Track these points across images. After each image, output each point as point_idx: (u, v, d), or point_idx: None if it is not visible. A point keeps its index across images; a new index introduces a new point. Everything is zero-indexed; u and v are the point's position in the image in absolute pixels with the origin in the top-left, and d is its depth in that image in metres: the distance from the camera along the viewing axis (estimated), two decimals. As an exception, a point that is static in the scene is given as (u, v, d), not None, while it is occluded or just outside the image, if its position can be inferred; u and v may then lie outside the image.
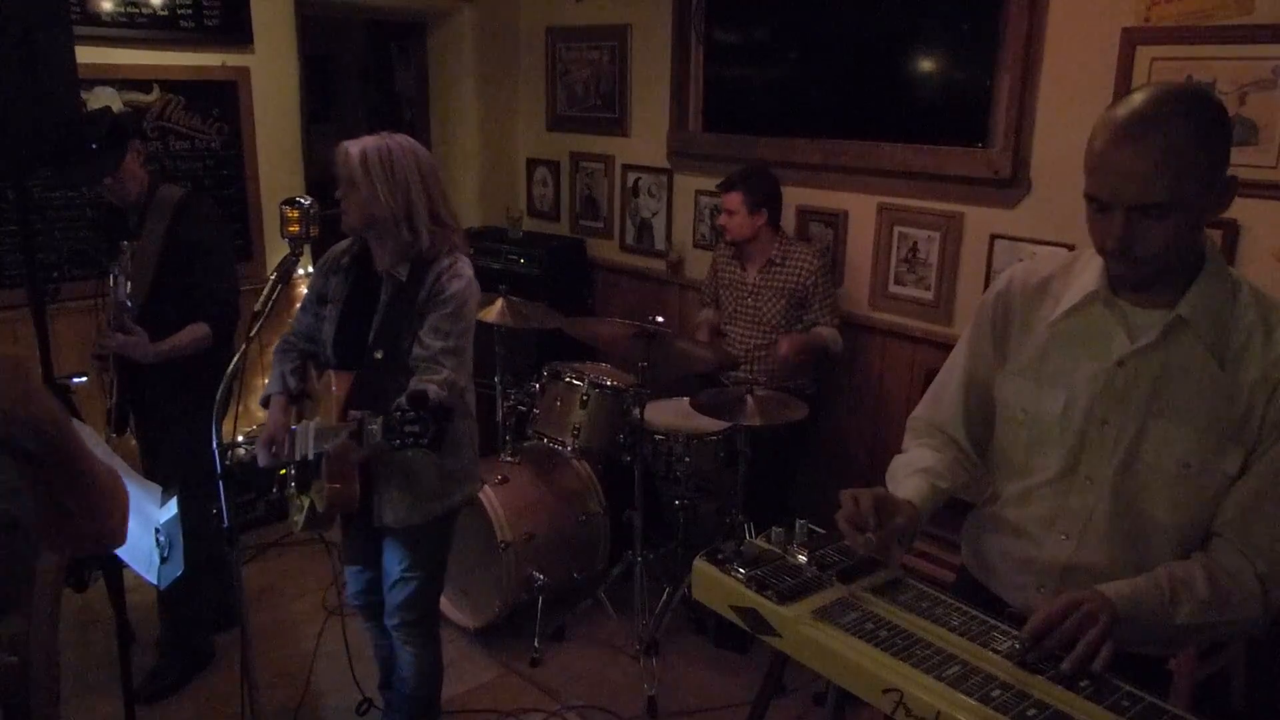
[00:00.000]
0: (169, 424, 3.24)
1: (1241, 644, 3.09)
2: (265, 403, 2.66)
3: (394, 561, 2.68)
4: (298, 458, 2.44)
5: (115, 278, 3.09)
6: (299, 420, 2.62)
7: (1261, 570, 1.58)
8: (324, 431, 2.35)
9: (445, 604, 3.78)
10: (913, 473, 1.86)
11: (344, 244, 2.67)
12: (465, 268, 2.55)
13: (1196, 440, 1.59)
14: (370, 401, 2.41)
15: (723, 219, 3.90)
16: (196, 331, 3.12)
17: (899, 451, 1.99)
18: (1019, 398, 1.78)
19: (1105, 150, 1.50)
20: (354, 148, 2.46)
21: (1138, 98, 1.51)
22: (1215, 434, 1.57)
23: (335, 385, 2.51)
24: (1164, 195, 1.46)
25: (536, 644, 3.61)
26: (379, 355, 2.51)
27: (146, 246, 3.14)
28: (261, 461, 2.54)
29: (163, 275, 3.14)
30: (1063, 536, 1.74)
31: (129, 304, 3.08)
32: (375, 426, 2.23)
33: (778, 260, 3.87)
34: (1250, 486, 1.58)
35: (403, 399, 2.28)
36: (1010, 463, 1.82)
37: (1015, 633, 1.59)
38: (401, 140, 2.52)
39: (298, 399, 2.68)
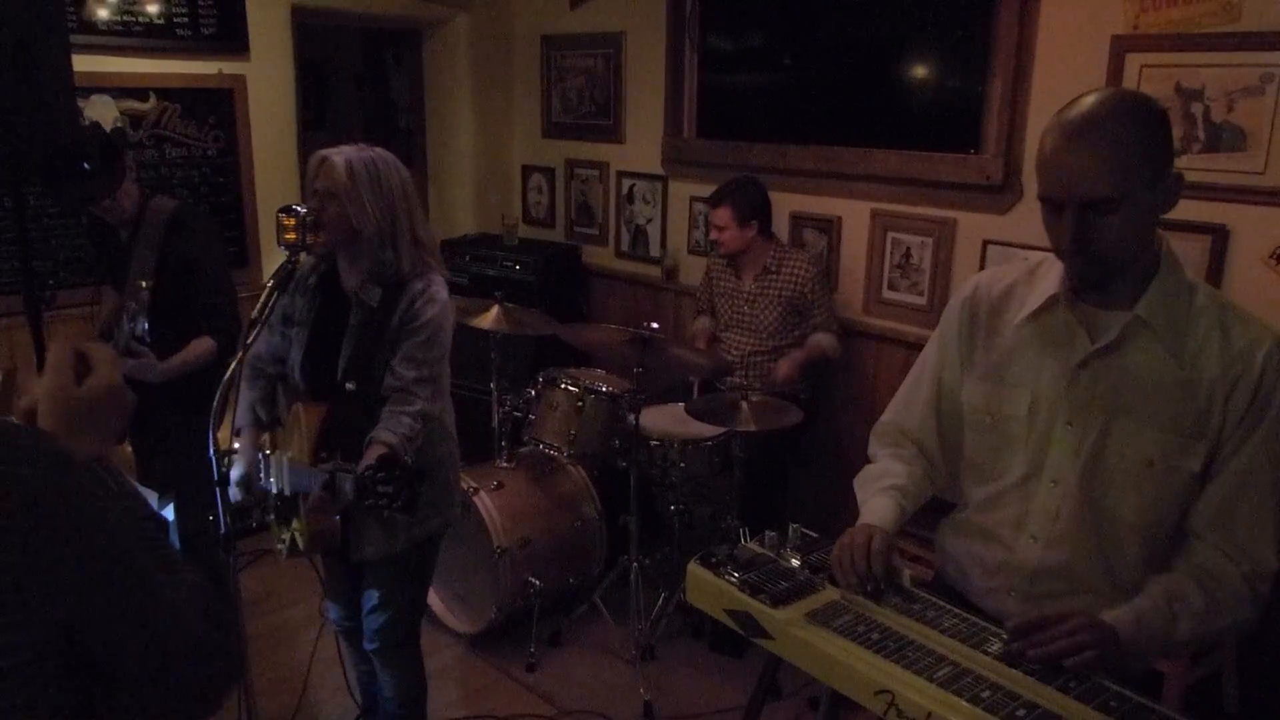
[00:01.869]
0: (165, 432, 3.24)
1: (1233, 647, 3.11)
2: (236, 433, 2.56)
3: (372, 589, 2.62)
4: (274, 490, 2.36)
5: (133, 314, 3.07)
6: (272, 448, 2.54)
7: (1246, 570, 1.62)
8: (298, 472, 2.27)
9: (441, 610, 3.79)
10: (884, 490, 1.88)
11: (310, 262, 2.54)
12: (439, 290, 2.45)
13: (1159, 439, 1.62)
14: (342, 435, 2.34)
15: (714, 234, 3.91)
16: (201, 347, 3.12)
17: None
18: (985, 401, 1.81)
19: (1054, 151, 1.56)
20: (337, 157, 2.35)
21: (1083, 102, 1.57)
22: (1177, 432, 1.61)
23: (305, 419, 2.41)
24: (1112, 189, 1.52)
25: (533, 649, 3.61)
26: (350, 387, 2.41)
27: (141, 262, 3.12)
28: (234, 497, 2.42)
29: (159, 291, 3.13)
30: (1031, 539, 1.76)
31: (147, 340, 3.06)
32: (348, 486, 2.15)
33: (773, 268, 3.88)
34: (1225, 486, 1.62)
35: (373, 459, 2.19)
36: (977, 466, 1.86)
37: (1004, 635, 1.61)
38: (384, 153, 2.42)
39: (269, 426, 2.61)
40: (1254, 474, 1.60)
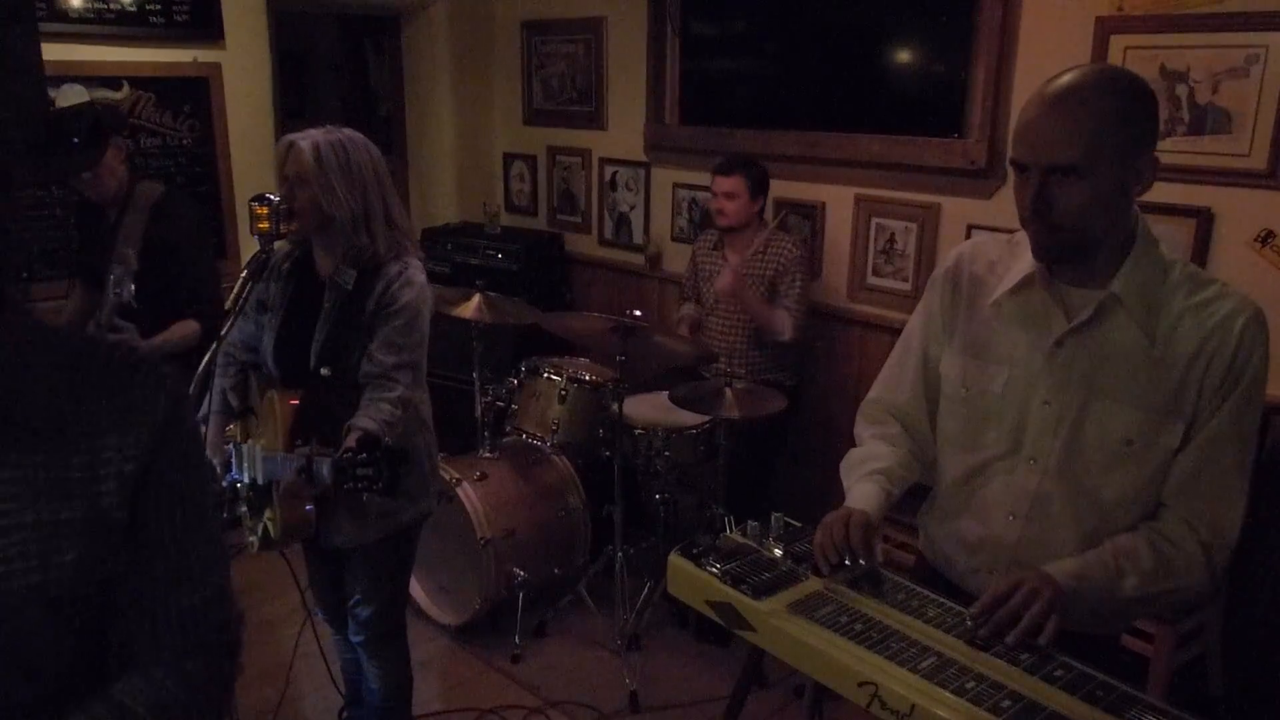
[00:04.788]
0: None
1: (1218, 631, 3.12)
2: (204, 419, 2.52)
3: (353, 583, 2.60)
4: (246, 480, 2.31)
5: (119, 279, 3.05)
6: (245, 438, 2.50)
7: (1204, 538, 1.62)
8: (271, 460, 2.22)
9: (425, 601, 3.77)
10: (867, 475, 1.87)
11: (284, 248, 2.49)
12: (416, 273, 2.40)
13: (1137, 417, 1.61)
14: (317, 423, 2.30)
15: (720, 203, 3.79)
16: (186, 329, 3.11)
17: None
18: (961, 374, 1.80)
19: (1027, 118, 1.57)
20: (303, 142, 2.29)
21: (1067, 74, 1.57)
22: (1154, 410, 1.61)
23: (279, 406, 2.36)
24: (1076, 157, 1.51)
25: (517, 640, 3.59)
26: (325, 373, 2.36)
27: (127, 240, 3.12)
28: (231, 477, 2.41)
29: (143, 274, 3.10)
30: (1010, 517, 1.76)
31: (134, 305, 3.03)
32: (325, 470, 2.11)
33: (760, 248, 3.85)
34: (1192, 456, 1.62)
35: (352, 439, 2.16)
36: (953, 441, 1.85)
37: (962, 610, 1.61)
38: (353, 134, 2.38)
39: (241, 415, 2.58)
40: (1221, 444, 1.60)
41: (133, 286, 3.04)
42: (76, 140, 2.99)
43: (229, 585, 1.22)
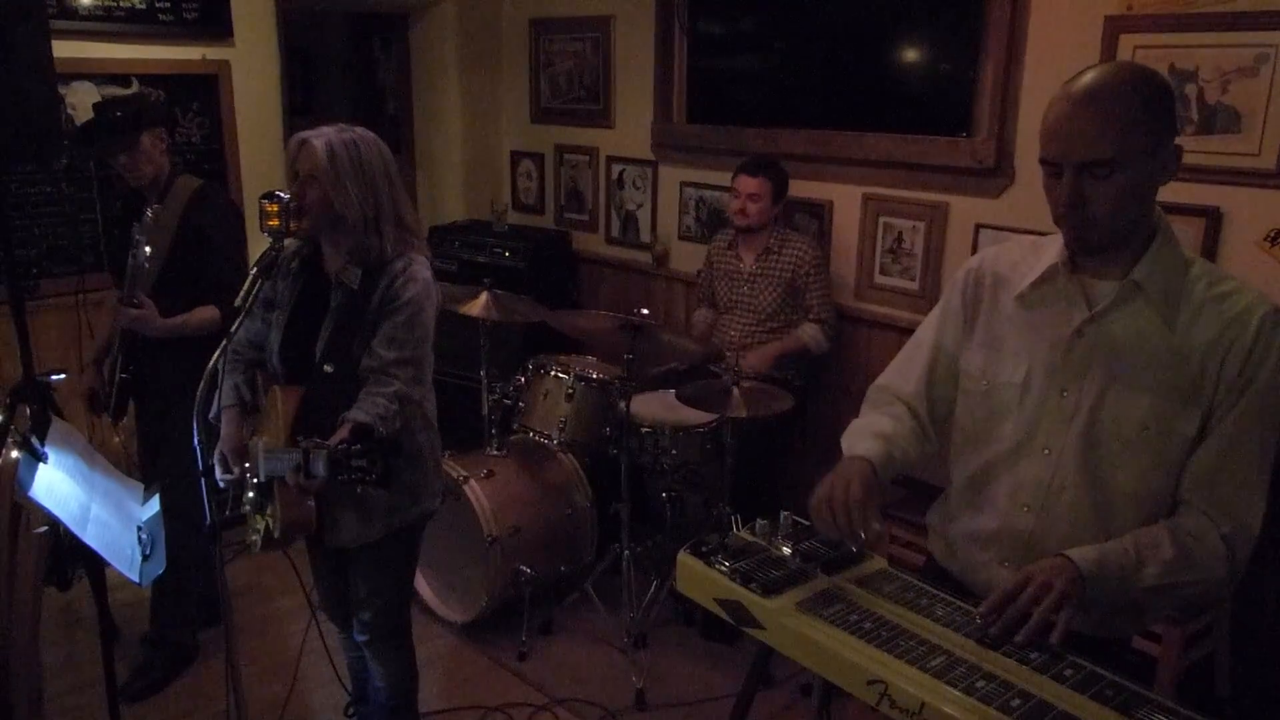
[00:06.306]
0: (169, 408, 3.22)
1: (1226, 630, 3.11)
2: (216, 417, 2.50)
3: (357, 581, 2.60)
4: (249, 478, 2.32)
5: (136, 241, 3.09)
6: (249, 436, 2.51)
7: (1226, 531, 1.62)
8: (272, 456, 2.22)
9: (431, 598, 3.78)
10: (870, 435, 1.88)
11: (293, 245, 2.48)
12: (421, 270, 2.39)
13: (1154, 404, 1.63)
14: (320, 420, 2.29)
15: (742, 203, 3.82)
16: (205, 314, 3.14)
17: None
18: (981, 368, 1.83)
19: (1057, 117, 1.60)
20: (316, 140, 2.29)
21: (1089, 73, 1.61)
22: (1171, 397, 1.62)
23: (282, 402, 2.35)
24: (1109, 152, 1.54)
25: (524, 638, 3.60)
26: (328, 369, 2.35)
27: (160, 231, 3.15)
28: (219, 479, 2.43)
29: (173, 260, 3.15)
30: (1025, 508, 1.77)
31: (146, 265, 3.09)
32: (321, 463, 2.10)
33: (775, 248, 3.86)
34: (1212, 449, 1.63)
35: (345, 431, 2.17)
36: (970, 435, 1.86)
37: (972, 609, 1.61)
38: (365, 133, 2.37)
39: (250, 412, 2.57)
40: (1240, 438, 1.61)
41: (148, 248, 3.07)
42: (120, 114, 3.10)
43: None
